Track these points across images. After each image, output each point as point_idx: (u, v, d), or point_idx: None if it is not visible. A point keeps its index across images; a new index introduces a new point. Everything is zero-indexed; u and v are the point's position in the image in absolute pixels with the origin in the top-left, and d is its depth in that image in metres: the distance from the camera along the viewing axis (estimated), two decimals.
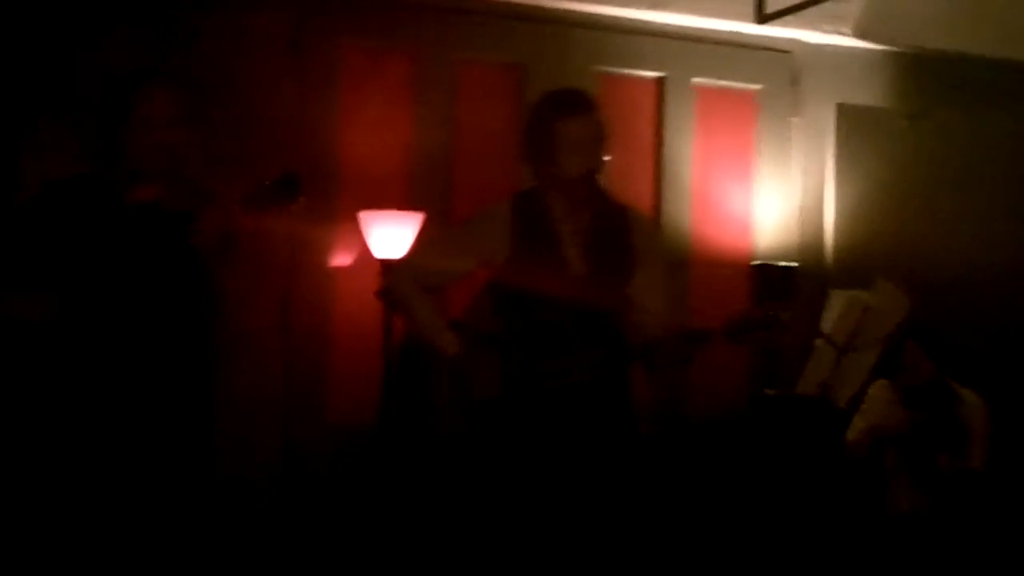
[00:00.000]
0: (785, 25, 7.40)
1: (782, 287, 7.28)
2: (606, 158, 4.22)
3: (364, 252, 6.55)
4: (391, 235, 6.35)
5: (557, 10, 7.14)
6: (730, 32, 7.50)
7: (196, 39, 6.41)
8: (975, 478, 6.10)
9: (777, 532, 6.57)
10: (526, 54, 7.11)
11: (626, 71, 7.38)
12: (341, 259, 6.72)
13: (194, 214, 3.98)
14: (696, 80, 7.50)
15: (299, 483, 6.53)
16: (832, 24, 7.57)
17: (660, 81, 7.44)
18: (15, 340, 4.12)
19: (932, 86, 7.90)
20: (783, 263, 7.40)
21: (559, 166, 4.17)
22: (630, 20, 7.30)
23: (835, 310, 6.52)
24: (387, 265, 6.32)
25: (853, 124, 7.76)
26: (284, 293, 6.56)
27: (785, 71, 7.67)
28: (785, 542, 6.53)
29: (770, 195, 7.57)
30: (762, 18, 7.34)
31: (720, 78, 7.57)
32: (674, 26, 7.39)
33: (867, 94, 7.82)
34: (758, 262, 7.43)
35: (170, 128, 4.14)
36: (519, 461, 4.11)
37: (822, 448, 6.50)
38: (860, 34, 7.63)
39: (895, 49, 7.79)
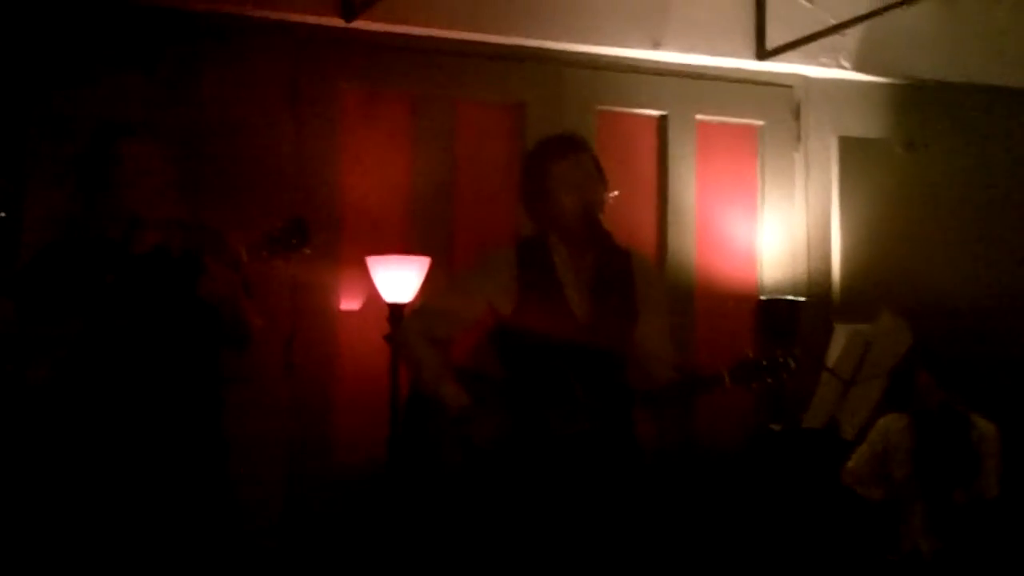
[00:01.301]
0: (785, 60, 7.44)
1: (788, 322, 7.27)
2: (607, 197, 4.25)
3: (371, 295, 6.57)
4: (398, 279, 6.37)
5: (556, 50, 7.15)
6: (731, 68, 7.52)
7: (196, 86, 6.45)
8: (988, 507, 6.07)
9: (785, 568, 6.54)
10: (525, 94, 7.13)
11: (627, 109, 7.40)
12: (347, 302, 6.74)
13: (201, 260, 4.00)
14: (698, 116, 7.52)
15: (304, 524, 6.51)
16: (831, 57, 7.59)
17: (662, 118, 7.45)
18: (17, 400, 4.14)
19: (932, 116, 7.90)
20: (789, 298, 7.39)
21: (556, 207, 4.21)
22: (630, 59, 7.32)
23: (839, 344, 6.53)
24: (395, 308, 6.34)
25: (855, 156, 7.77)
26: (290, 335, 6.57)
27: (786, 105, 7.68)
28: None
29: (774, 229, 7.57)
30: (762, 54, 7.40)
31: (722, 114, 7.58)
32: (675, 64, 7.41)
33: (868, 126, 7.83)
34: (764, 297, 7.42)
35: (148, 180, 4.18)
36: (523, 507, 4.11)
37: (829, 483, 6.48)
38: (859, 67, 7.65)
39: (894, 80, 7.80)
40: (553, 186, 4.20)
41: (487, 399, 4.18)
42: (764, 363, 4.06)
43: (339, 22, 6.64)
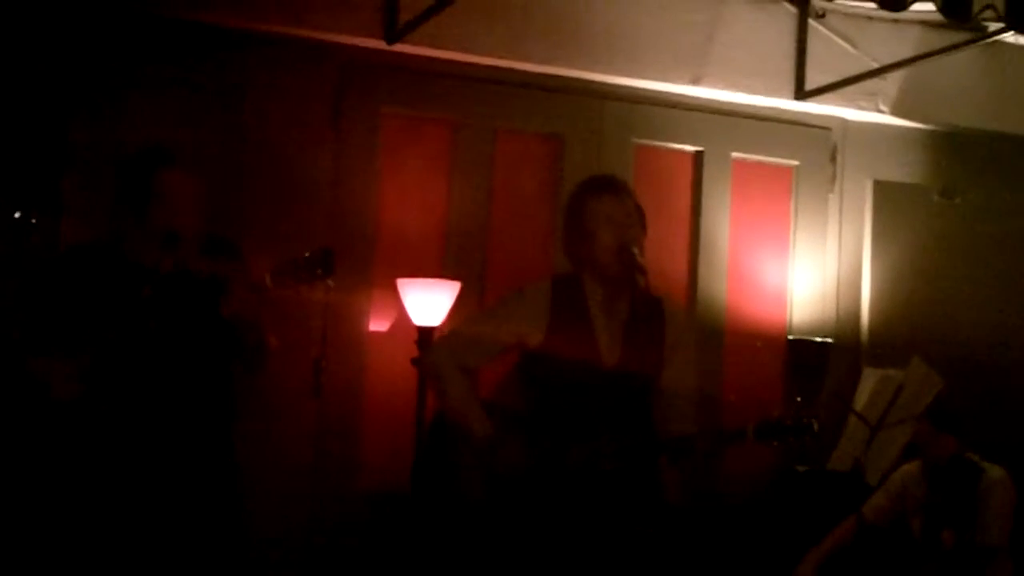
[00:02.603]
0: (824, 102, 7.44)
1: (817, 364, 7.27)
2: (644, 240, 4.26)
3: (400, 318, 6.59)
4: (428, 303, 6.39)
5: (596, 83, 7.17)
6: (769, 108, 7.53)
7: (238, 105, 6.49)
8: (987, 555, 6.03)
9: None
10: (564, 125, 7.15)
11: (664, 144, 7.41)
12: (377, 325, 6.76)
13: (225, 282, 4.02)
14: (734, 154, 7.53)
15: (328, 549, 6.51)
16: (870, 101, 7.58)
17: (698, 155, 7.46)
18: (44, 414, 4.15)
19: (968, 164, 7.88)
20: (818, 339, 7.39)
21: (595, 246, 4.22)
22: (669, 94, 7.33)
23: (868, 388, 6.54)
24: (424, 332, 6.36)
25: (889, 201, 7.76)
26: (318, 359, 6.59)
27: (823, 147, 7.69)
28: None
29: (806, 270, 7.57)
30: (801, 95, 7.40)
31: (758, 153, 7.59)
32: (714, 101, 7.42)
33: (903, 171, 7.83)
34: (793, 337, 7.42)
35: (185, 210, 4.22)
36: (541, 540, 4.11)
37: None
38: (897, 112, 7.64)
39: (932, 127, 7.80)
40: (593, 224, 4.22)
41: (511, 432, 4.19)
42: (788, 423, 4.06)
43: (381, 44, 6.66)
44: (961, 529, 6.05)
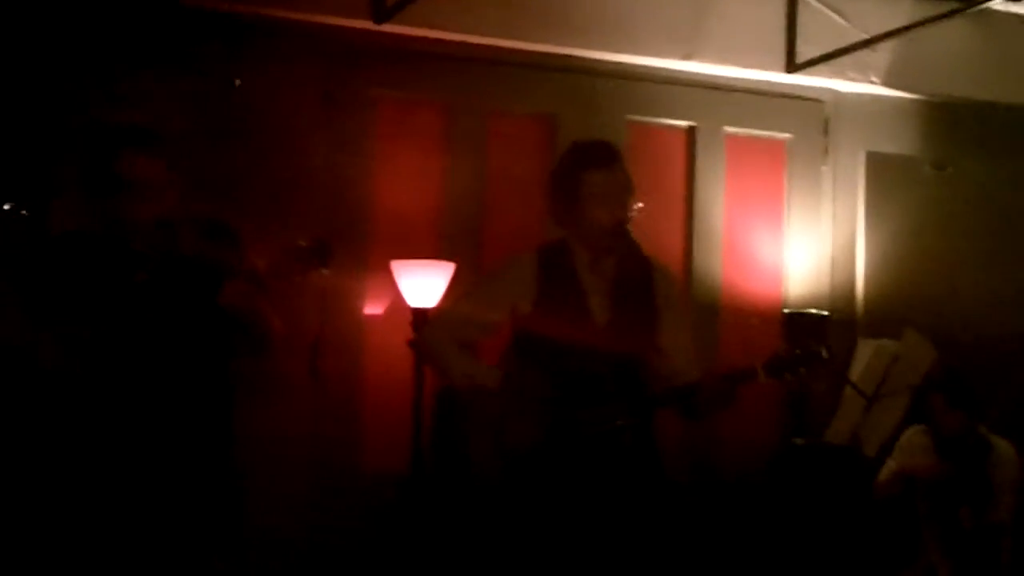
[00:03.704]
0: (815, 74, 7.45)
1: (813, 336, 7.27)
2: (634, 210, 4.25)
3: (396, 300, 6.60)
4: (423, 284, 6.40)
5: (587, 60, 7.17)
6: (761, 81, 7.54)
7: (232, 90, 6.49)
8: (999, 532, 6.06)
9: None
10: (556, 104, 7.15)
11: (657, 120, 7.42)
12: (373, 307, 6.77)
13: (222, 271, 4.01)
14: (727, 129, 7.53)
15: (328, 530, 6.53)
16: (862, 73, 7.59)
17: (691, 130, 7.47)
18: (33, 385, 4.14)
19: (961, 134, 7.90)
20: (814, 311, 7.40)
21: (584, 217, 4.21)
22: (661, 70, 7.34)
23: (863, 359, 6.55)
24: (419, 313, 6.37)
25: (883, 172, 7.77)
26: (314, 341, 6.59)
27: (815, 120, 7.70)
28: None
29: (801, 243, 7.58)
30: (793, 68, 7.40)
31: (751, 127, 7.60)
32: (705, 76, 7.42)
33: (896, 142, 7.84)
34: (789, 310, 7.43)
35: (152, 190, 4.15)
36: (558, 510, 4.12)
37: (851, 497, 6.48)
38: (889, 83, 7.64)
39: (924, 98, 7.80)
40: (584, 195, 4.19)
41: (516, 403, 4.19)
42: (798, 353, 4.05)
43: (370, 24, 6.66)
44: (976, 506, 6.07)
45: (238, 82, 6.44)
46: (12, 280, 4.25)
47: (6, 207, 5.97)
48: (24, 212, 6.01)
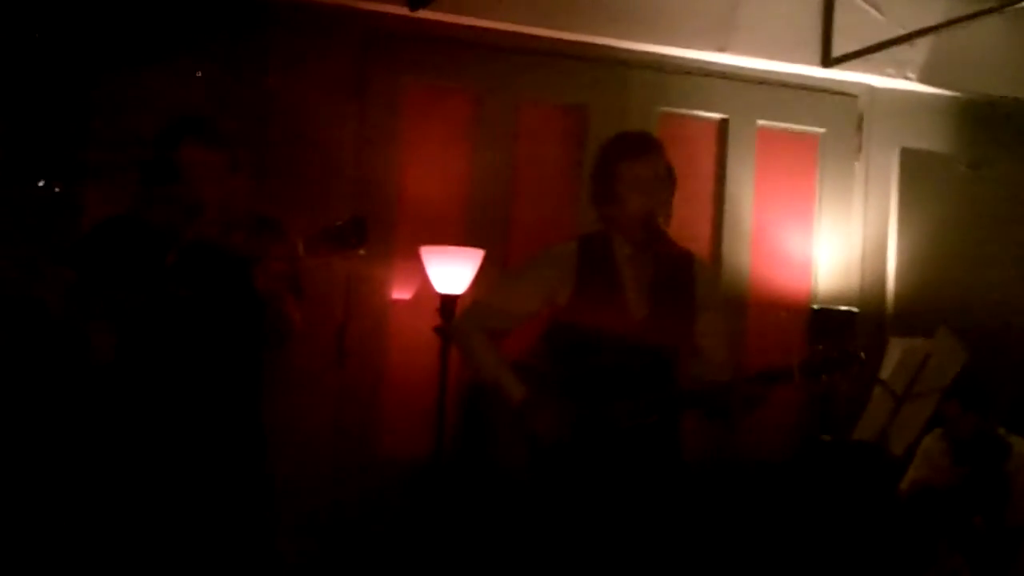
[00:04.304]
0: (851, 69, 7.39)
1: (841, 332, 7.22)
2: (669, 202, 4.24)
3: (423, 286, 6.59)
4: (452, 271, 6.39)
5: (620, 51, 7.13)
6: (795, 75, 7.48)
7: (263, 73, 6.48)
8: (1019, 535, 6.00)
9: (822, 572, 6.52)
10: (588, 95, 7.11)
11: (689, 112, 7.38)
12: (400, 293, 6.76)
13: (257, 255, 4.00)
14: (759, 122, 7.49)
15: (350, 515, 6.53)
16: (898, 69, 7.53)
17: (723, 122, 7.43)
18: (80, 379, 4.17)
19: (997, 133, 7.82)
20: (843, 308, 7.35)
21: (622, 206, 4.20)
22: (694, 61, 7.30)
23: (894, 358, 6.48)
24: (447, 300, 6.35)
25: (916, 169, 7.71)
26: (340, 326, 6.59)
27: (849, 115, 7.64)
28: None
29: (831, 239, 7.53)
30: (828, 62, 7.35)
31: (784, 120, 7.55)
32: (739, 68, 7.38)
33: (931, 139, 7.77)
34: (817, 306, 7.38)
35: (210, 181, 4.20)
36: (583, 502, 4.10)
37: (876, 496, 6.44)
38: (925, 79, 7.58)
39: (960, 95, 7.74)
40: (621, 188, 4.19)
41: (545, 395, 4.17)
42: (835, 355, 4.02)
43: (404, 11, 6.64)
44: (991, 510, 6.02)
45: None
46: (59, 263, 4.29)
47: (40, 183, 5.98)
48: (58, 190, 6.03)
